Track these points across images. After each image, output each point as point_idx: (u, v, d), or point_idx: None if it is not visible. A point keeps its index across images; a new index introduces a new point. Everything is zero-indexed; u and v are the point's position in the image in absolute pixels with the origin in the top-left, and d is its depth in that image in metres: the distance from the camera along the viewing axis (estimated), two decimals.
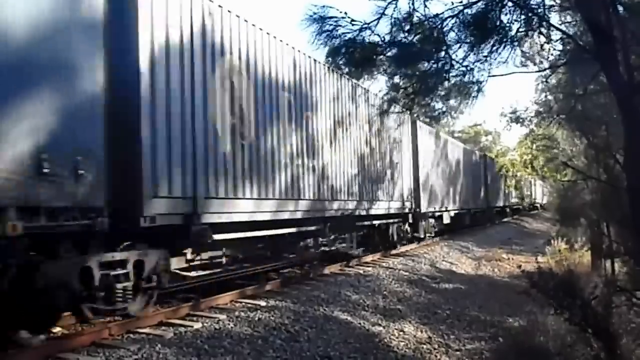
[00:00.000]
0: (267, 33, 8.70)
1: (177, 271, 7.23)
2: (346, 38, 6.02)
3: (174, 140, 6.53)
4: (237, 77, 7.80)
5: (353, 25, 6.04)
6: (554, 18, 8.36)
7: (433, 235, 18.68)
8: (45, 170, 4.84)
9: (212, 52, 7.31)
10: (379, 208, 13.29)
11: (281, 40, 9.09)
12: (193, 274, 7.68)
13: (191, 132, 6.80)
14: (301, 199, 9.52)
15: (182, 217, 6.65)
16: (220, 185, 7.37)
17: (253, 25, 8.31)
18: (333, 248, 11.36)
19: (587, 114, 9.49)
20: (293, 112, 9.39)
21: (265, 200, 8.45)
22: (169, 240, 6.78)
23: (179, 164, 6.59)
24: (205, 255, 7.66)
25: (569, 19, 8.64)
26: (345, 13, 6.03)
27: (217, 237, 7.21)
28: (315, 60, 10.26)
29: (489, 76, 6.42)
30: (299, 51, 9.69)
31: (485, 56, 6.14)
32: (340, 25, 5.97)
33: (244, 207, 7.87)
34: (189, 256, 7.31)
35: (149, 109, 6.14)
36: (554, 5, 7.16)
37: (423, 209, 16.68)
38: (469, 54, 6.25)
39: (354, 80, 12.10)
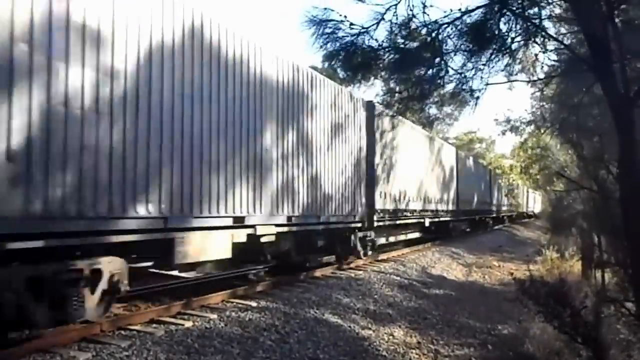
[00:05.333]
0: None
1: None
2: (345, 41, 6.03)
3: None
4: None
5: (352, 29, 6.05)
6: (551, 29, 8.40)
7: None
8: None
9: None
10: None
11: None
12: None
13: None
14: None
15: None
16: None
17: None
18: None
19: (580, 124, 9.55)
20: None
21: None
22: None
23: None
24: None
25: (564, 30, 8.69)
26: (345, 17, 6.04)
27: None
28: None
29: (486, 84, 6.46)
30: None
31: (483, 64, 6.17)
32: (339, 29, 5.98)
33: None
34: None
35: None
36: (551, 16, 7.21)
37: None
38: (466, 62, 6.29)
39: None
